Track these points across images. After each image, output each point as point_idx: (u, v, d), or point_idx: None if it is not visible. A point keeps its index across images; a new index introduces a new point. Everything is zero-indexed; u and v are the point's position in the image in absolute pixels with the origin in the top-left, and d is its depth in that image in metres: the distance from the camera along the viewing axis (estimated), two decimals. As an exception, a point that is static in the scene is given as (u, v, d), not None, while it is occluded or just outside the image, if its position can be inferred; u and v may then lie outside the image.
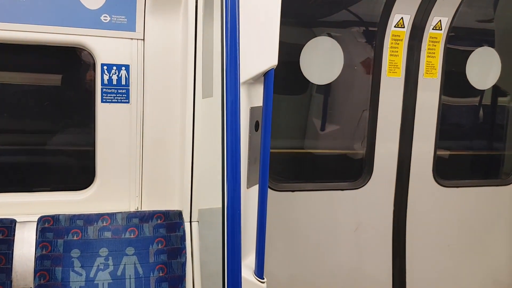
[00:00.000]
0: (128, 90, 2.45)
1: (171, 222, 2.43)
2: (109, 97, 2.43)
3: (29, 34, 2.27)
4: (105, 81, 2.41)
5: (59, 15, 2.30)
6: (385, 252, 3.72)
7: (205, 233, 2.44)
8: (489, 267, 4.02)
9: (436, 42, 3.51)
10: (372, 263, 3.71)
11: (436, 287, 3.89)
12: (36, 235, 2.28)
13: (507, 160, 4.11)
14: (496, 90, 3.98)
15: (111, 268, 2.30)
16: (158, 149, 2.50)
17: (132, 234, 2.37)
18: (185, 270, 2.38)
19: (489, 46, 3.81)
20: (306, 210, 3.50)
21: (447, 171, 3.80)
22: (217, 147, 1.93)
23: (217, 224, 1.97)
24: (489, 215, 3.92)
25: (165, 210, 2.46)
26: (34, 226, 2.30)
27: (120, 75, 2.43)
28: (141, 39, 2.42)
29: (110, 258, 2.32)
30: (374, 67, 3.53)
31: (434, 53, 3.52)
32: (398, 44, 3.45)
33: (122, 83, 2.44)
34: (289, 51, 3.34)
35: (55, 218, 2.32)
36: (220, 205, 1.93)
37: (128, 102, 2.46)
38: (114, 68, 2.42)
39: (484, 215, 3.91)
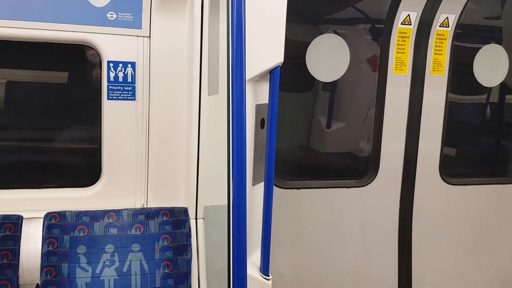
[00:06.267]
0: (134, 88, 2.46)
1: (176, 219, 2.44)
2: (115, 94, 2.44)
3: (35, 32, 2.28)
4: (111, 78, 2.42)
5: (65, 13, 2.30)
6: (391, 251, 3.70)
7: (211, 230, 2.45)
8: (496, 266, 3.99)
9: (443, 39, 3.49)
10: (378, 261, 3.70)
11: (443, 286, 3.87)
12: (43, 231, 2.30)
13: (515, 158, 4.10)
14: (504, 87, 3.95)
15: (117, 264, 2.31)
16: (164, 146, 2.50)
17: (138, 231, 2.38)
18: (190, 267, 2.39)
19: (496, 43, 3.78)
20: (312, 207, 3.50)
21: (453, 169, 3.78)
22: (222, 144, 1.93)
23: (223, 221, 1.97)
24: (496, 213, 3.90)
25: (171, 207, 2.47)
26: (40, 222, 2.32)
27: (126, 73, 2.43)
28: (147, 37, 2.42)
29: (116, 254, 2.33)
30: (380, 65, 3.51)
31: (441, 50, 3.50)
32: (404, 41, 3.44)
33: (128, 81, 2.45)
34: (295, 48, 3.34)
35: (61, 215, 2.33)
36: (226, 202, 1.93)
37: (134, 99, 2.46)
38: (120, 65, 2.42)
39: (491, 213, 3.89)
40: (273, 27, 2.11)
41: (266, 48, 2.09)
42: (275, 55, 2.10)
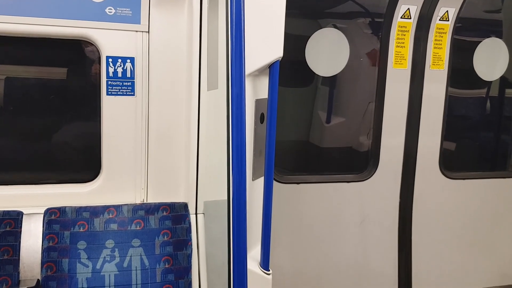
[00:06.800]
0: (133, 83, 2.45)
1: (176, 214, 2.44)
2: (114, 90, 2.43)
3: (33, 27, 2.27)
4: (110, 74, 2.41)
5: (64, 8, 2.29)
6: (391, 245, 3.71)
7: (211, 225, 2.45)
8: (496, 260, 4.01)
9: (443, 33, 3.48)
10: (378, 256, 3.71)
11: (442, 281, 3.89)
12: (43, 227, 2.30)
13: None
14: (504, 81, 3.95)
15: (117, 259, 2.32)
16: (163, 141, 2.50)
17: (138, 226, 2.38)
18: (190, 262, 2.39)
19: (496, 37, 3.77)
20: (311, 202, 3.50)
21: (453, 163, 3.79)
22: (222, 139, 1.93)
23: (223, 216, 1.97)
24: (496, 207, 3.91)
25: (171, 202, 2.47)
26: (40, 218, 2.32)
27: (125, 68, 2.43)
28: (146, 32, 2.41)
29: (116, 250, 2.33)
30: (380, 59, 3.51)
31: (441, 44, 3.49)
32: (404, 35, 3.43)
33: (127, 76, 2.44)
34: (295, 43, 3.33)
35: (61, 210, 2.33)
36: (226, 197, 1.93)
37: (134, 95, 2.46)
38: (119, 60, 2.42)
39: (491, 208, 3.89)
40: (272, 22, 2.11)
41: (265, 42, 2.08)
42: (275, 50, 2.10)
